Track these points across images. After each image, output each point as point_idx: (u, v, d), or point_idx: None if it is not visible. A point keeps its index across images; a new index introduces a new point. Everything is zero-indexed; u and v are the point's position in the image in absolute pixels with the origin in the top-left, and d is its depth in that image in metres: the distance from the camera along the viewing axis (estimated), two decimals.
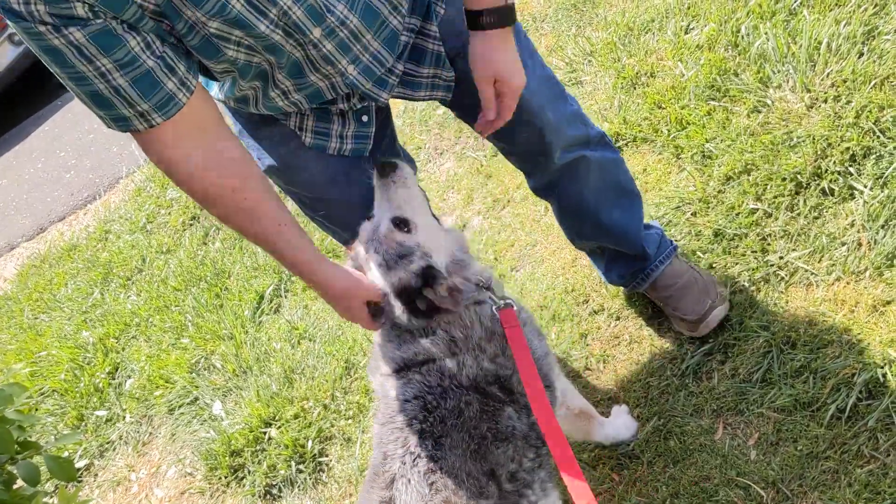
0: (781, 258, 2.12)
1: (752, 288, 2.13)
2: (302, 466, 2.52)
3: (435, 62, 1.62)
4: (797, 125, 2.30)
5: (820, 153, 2.20)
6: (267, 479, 2.54)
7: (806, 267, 2.08)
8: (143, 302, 3.67)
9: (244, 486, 2.59)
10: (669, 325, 2.19)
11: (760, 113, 2.41)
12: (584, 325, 2.34)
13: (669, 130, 2.60)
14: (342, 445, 2.54)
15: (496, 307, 1.64)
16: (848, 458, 1.76)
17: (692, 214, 2.36)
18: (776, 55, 2.47)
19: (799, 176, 2.20)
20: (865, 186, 2.08)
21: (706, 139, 2.47)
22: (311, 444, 2.53)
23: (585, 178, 1.93)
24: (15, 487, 2.07)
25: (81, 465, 3.11)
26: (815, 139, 2.22)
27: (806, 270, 2.07)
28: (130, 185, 4.93)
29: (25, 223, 5.55)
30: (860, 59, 2.31)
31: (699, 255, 2.27)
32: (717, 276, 2.18)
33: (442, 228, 1.73)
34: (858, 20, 2.36)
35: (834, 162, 2.16)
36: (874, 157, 2.12)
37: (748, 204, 2.25)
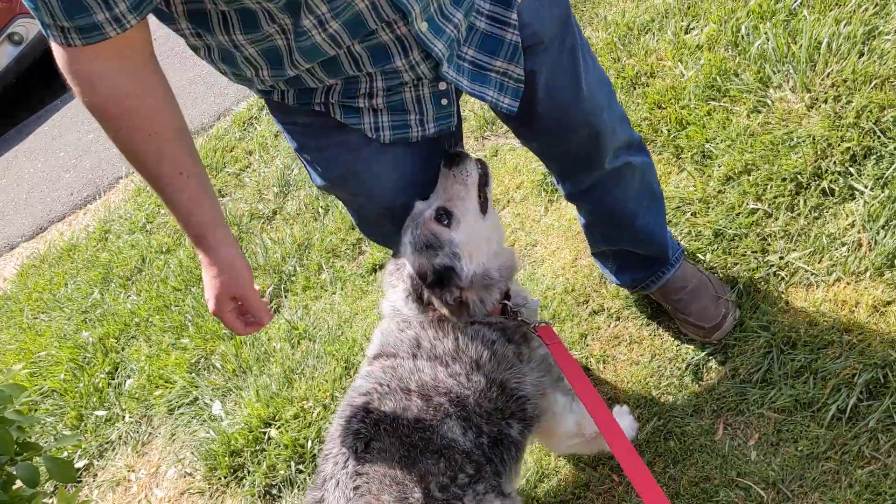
0: (782, 258, 2.12)
1: (752, 288, 2.13)
2: (302, 467, 2.51)
3: (511, 55, 1.51)
4: (797, 125, 2.30)
5: (820, 153, 2.20)
6: (266, 479, 2.53)
7: (806, 267, 2.07)
8: (142, 302, 3.66)
9: (244, 486, 2.58)
10: (670, 325, 2.19)
11: (760, 113, 2.41)
12: (584, 325, 2.34)
13: (669, 130, 2.59)
14: None
15: (533, 325, 1.67)
16: (848, 458, 1.76)
17: (692, 214, 2.36)
18: (776, 55, 2.47)
19: (799, 176, 2.20)
20: (866, 187, 2.08)
21: (706, 139, 2.47)
22: (310, 444, 2.53)
23: (629, 184, 1.89)
24: (14, 488, 2.06)
25: (81, 465, 3.10)
26: (815, 139, 2.22)
27: (806, 271, 2.07)
28: (130, 184, 4.92)
29: (25, 223, 5.54)
30: (860, 59, 2.30)
31: (699, 255, 2.27)
32: (718, 277, 2.18)
33: (489, 238, 1.70)
34: (858, 20, 2.36)
35: (834, 162, 2.16)
36: (874, 157, 2.12)
37: (748, 204, 2.25)
